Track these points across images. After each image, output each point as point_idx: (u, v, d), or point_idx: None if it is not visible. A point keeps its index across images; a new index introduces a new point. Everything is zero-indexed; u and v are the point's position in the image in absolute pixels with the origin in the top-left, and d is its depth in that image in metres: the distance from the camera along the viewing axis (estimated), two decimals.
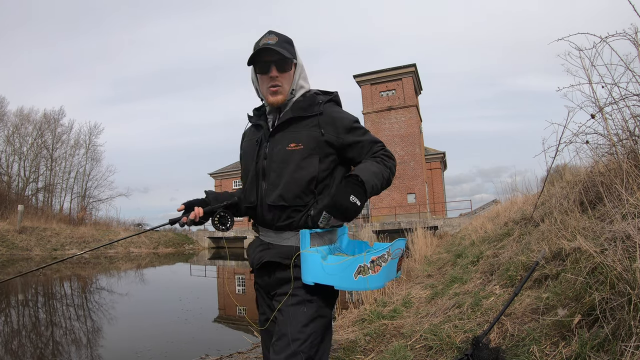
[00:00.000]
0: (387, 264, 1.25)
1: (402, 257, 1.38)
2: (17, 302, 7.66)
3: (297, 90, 1.31)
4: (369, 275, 1.19)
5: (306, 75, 1.36)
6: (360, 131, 1.29)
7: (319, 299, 1.21)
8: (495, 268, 3.62)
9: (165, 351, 4.16)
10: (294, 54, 1.28)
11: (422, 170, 25.16)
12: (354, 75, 27.22)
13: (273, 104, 1.28)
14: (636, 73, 2.57)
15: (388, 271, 1.26)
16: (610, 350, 1.38)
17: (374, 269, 1.20)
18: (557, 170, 4.58)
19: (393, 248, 1.28)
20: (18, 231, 17.82)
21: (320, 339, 1.20)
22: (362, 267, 1.19)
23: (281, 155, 1.24)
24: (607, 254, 1.71)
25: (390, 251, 1.26)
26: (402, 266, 1.40)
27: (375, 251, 1.24)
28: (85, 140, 30.20)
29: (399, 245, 1.34)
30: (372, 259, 1.21)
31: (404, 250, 1.38)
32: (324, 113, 1.26)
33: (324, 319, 1.22)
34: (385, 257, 1.24)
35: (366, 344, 2.84)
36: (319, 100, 1.29)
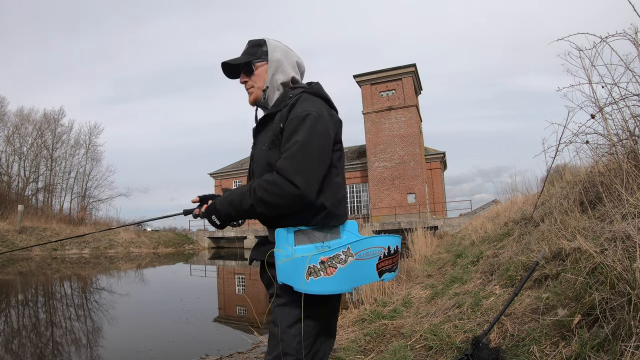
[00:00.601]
0: (348, 265, 1.11)
1: (393, 257, 1.22)
2: (17, 302, 7.66)
3: (273, 86, 1.31)
4: (320, 278, 1.08)
5: (287, 68, 1.32)
6: (290, 132, 1.14)
7: (305, 299, 1.14)
8: (495, 268, 3.62)
9: (166, 351, 4.16)
10: (258, 53, 1.31)
11: (422, 170, 25.15)
12: (354, 75, 27.21)
13: (250, 104, 1.36)
14: (636, 73, 2.57)
15: (353, 274, 1.12)
16: (610, 350, 1.38)
17: (327, 271, 1.09)
18: (557, 170, 4.58)
19: (358, 247, 1.13)
20: (18, 231, 17.82)
21: (311, 340, 1.15)
22: (311, 268, 1.09)
23: (258, 155, 1.27)
24: (607, 254, 1.71)
25: (349, 251, 1.12)
26: (394, 269, 1.23)
27: (327, 251, 1.11)
28: (85, 140, 30.24)
29: (373, 243, 1.17)
30: (322, 259, 1.10)
31: (395, 249, 1.22)
32: (289, 104, 1.22)
33: (312, 320, 1.16)
34: (341, 258, 1.11)
35: (366, 344, 2.84)
36: (290, 94, 1.26)
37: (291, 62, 1.34)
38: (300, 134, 1.12)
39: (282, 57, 1.32)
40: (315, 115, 1.15)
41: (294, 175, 1.08)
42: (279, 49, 1.32)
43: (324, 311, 1.20)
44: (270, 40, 1.34)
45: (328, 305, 1.21)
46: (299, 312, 1.14)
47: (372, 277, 1.16)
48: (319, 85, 1.31)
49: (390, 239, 1.22)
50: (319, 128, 1.14)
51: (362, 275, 1.14)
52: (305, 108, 1.16)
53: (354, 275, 1.12)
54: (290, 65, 1.34)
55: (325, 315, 1.21)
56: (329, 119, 1.21)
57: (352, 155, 28.69)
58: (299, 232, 1.17)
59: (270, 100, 1.32)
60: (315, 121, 1.14)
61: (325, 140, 1.16)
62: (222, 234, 25.05)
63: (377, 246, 1.17)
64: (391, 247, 1.21)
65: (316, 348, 1.18)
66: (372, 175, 25.76)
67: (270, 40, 1.34)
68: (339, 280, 1.09)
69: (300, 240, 1.16)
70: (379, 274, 1.17)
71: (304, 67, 1.41)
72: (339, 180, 1.25)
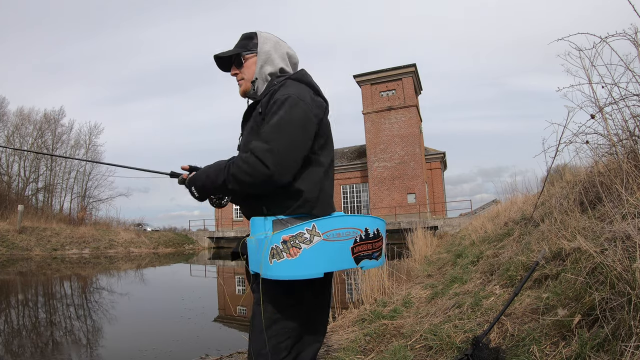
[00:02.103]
0: (314, 246, 0.98)
1: (372, 242, 1.08)
2: (17, 301, 7.66)
3: (262, 78, 1.31)
4: (284, 260, 0.96)
5: (276, 59, 1.32)
6: (270, 115, 1.12)
7: (277, 292, 1.08)
8: (495, 268, 3.62)
9: (169, 350, 4.17)
10: (249, 46, 1.32)
11: (422, 170, 25.15)
12: (354, 75, 27.22)
13: (241, 95, 1.37)
14: (636, 73, 2.57)
15: (322, 256, 0.99)
16: (610, 350, 1.38)
17: (289, 252, 0.97)
18: (557, 170, 4.58)
19: (325, 226, 1.00)
20: (18, 231, 17.82)
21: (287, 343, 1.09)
22: (274, 249, 0.97)
23: (242, 144, 1.27)
24: (607, 254, 1.71)
25: (315, 229, 0.99)
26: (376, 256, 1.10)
27: (289, 228, 0.99)
28: (85, 140, 30.22)
29: (345, 223, 1.03)
30: (284, 238, 0.97)
31: (374, 232, 1.09)
32: (270, 92, 1.21)
33: (289, 319, 1.10)
34: (305, 237, 0.98)
35: (366, 344, 2.84)
36: (274, 82, 1.26)
37: (281, 53, 1.34)
38: (276, 116, 1.10)
39: (271, 49, 1.32)
40: (295, 98, 1.12)
41: (265, 154, 1.04)
42: (269, 41, 1.33)
43: (300, 305, 1.12)
44: (261, 33, 1.34)
45: (305, 297, 1.13)
46: (273, 311, 1.08)
47: (347, 262, 1.03)
48: (303, 71, 1.30)
49: (369, 220, 1.09)
50: (297, 110, 1.11)
51: (333, 259, 1.01)
52: (285, 92, 1.15)
53: (323, 258, 0.99)
54: (279, 56, 1.33)
55: (304, 311, 1.13)
56: (311, 103, 1.17)
57: (352, 155, 28.69)
58: (277, 222, 1.12)
59: (259, 91, 1.32)
60: (295, 103, 1.12)
61: (303, 123, 1.11)
62: (222, 234, 25.04)
63: (351, 227, 1.04)
64: (369, 230, 1.08)
65: (296, 351, 1.12)
66: (372, 175, 25.76)
67: (261, 32, 1.35)
68: (304, 262, 0.97)
69: (278, 229, 1.10)
70: (355, 259, 1.04)
71: (296, 58, 1.39)
72: (320, 168, 1.19)
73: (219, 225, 29.72)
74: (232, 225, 28.77)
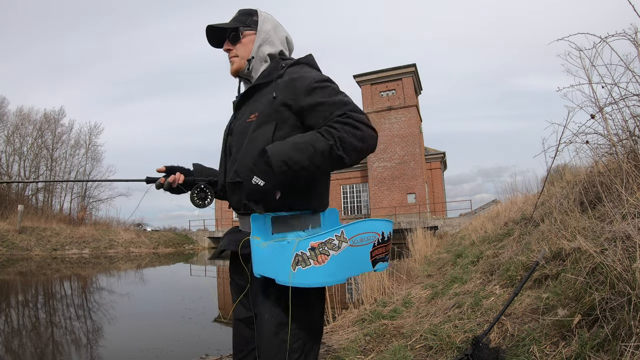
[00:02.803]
0: (342, 252, 0.96)
1: (386, 245, 1.07)
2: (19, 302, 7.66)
3: (259, 57, 1.22)
4: (310, 267, 0.93)
5: (276, 40, 1.25)
6: (324, 91, 1.05)
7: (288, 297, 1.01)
8: (495, 268, 3.62)
9: (170, 350, 4.17)
10: (247, 22, 1.23)
11: (422, 170, 25.15)
12: (354, 75, 27.22)
13: (232, 74, 1.26)
14: (636, 73, 2.57)
15: (346, 262, 0.97)
16: (610, 350, 1.38)
17: (317, 259, 0.93)
18: (557, 170, 4.58)
19: (352, 231, 0.99)
20: (18, 231, 17.82)
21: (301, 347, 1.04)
22: (299, 255, 0.94)
23: (241, 127, 1.16)
24: (607, 254, 1.71)
25: (343, 235, 0.97)
26: (387, 258, 1.09)
27: (318, 235, 0.95)
28: (85, 140, 30.23)
29: (367, 227, 1.02)
30: (312, 245, 0.94)
31: (388, 235, 1.08)
32: (283, 75, 1.14)
33: (302, 322, 1.05)
34: (334, 244, 0.95)
35: (366, 344, 2.84)
36: (282, 64, 1.18)
37: (280, 36, 1.27)
38: (340, 94, 1.07)
39: (271, 29, 1.24)
40: (329, 81, 1.11)
41: (369, 121, 1.01)
42: (269, 21, 1.25)
43: (315, 309, 1.08)
44: (262, 11, 1.27)
45: (320, 301, 1.10)
46: (285, 315, 1.02)
47: (366, 266, 1.02)
48: (311, 56, 1.25)
49: (383, 224, 1.08)
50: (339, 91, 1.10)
51: (356, 264, 1.00)
52: (316, 73, 1.13)
53: (348, 264, 0.98)
54: (279, 39, 1.26)
55: (317, 314, 1.09)
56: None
57: None
58: (277, 219, 1.07)
59: (255, 72, 1.23)
60: (334, 86, 1.10)
61: None
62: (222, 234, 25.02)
63: (372, 231, 1.03)
64: (385, 234, 1.07)
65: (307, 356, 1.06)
66: (372, 175, 25.77)
67: (262, 11, 1.27)
68: (332, 269, 0.94)
69: (279, 229, 1.06)
70: (372, 263, 1.03)
71: (293, 45, 1.34)
72: None
73: (219, 225, 29.72)
74: (232, 225, 28.72)
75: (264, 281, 1.04)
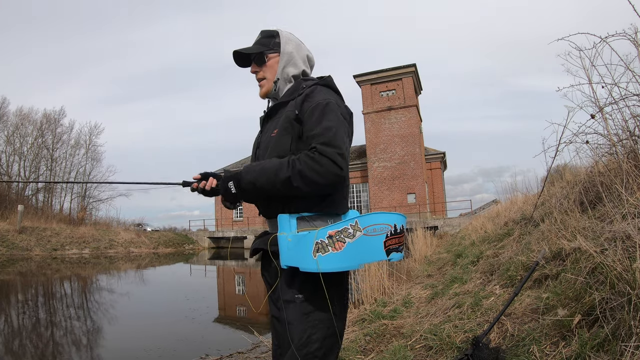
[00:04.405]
0: (356, 240, 1.07)
1: (399, 237, 1.17)
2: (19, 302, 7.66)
3: (284, 78, 1.33)
4: (329, 254, 1.05)
5: (298, 61, 1.34)
6: (315, 119, 1.15)
7: (313, 291, 1.12)
8: (495, 268, 3.62)
9: (173, 349, 4.18)
10: (270, 45, 1.32)
11: (422, 170, 25.15)
12: (354, 75, 27.21)
13: (261, 96, 1.37)
14: (636, 73, 2.57)
15: (361, 249, 1.09)
16: (610, 350, 1.38)
17: (335, 246, 1.05)
18: (557, 170, 4.58)
19: (365, 222, 1.10)
20: (18, 231, 17.82)
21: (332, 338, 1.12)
22: (319, 243, 1.05)
23: (266, 142, 1.27)
24: (607, 254, 1.71)
25: (357, 225, 1.09)
26: (401, 249, 1.19)
27: (335, 224, 1.08)
28: (85, 140, 30.23)
29: (380, 219, 1.14)
30: (330, 233, 1.06)
31: (400, 228, 1.18)
32: (303, 94, 1.24)
33: (323, 315, 1.12)
34: (349, 232, 1.07)
35: (366, 344, 2.84)
36: (303, 85, 1.28)
37: (302, 55, 1.35)
38: (330, 120, 1.15)
39: (293, 50, 1.33)
40: (335, 104, 1.19)
41: (336, 156, 1.09)
42: (292, 42, 1.34)
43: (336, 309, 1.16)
44: (283, 32, 1.35)
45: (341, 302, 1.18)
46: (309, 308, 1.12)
47: (380, 254, 1.12)
48: (330, 78, 1.32)
49: (396, 217, 1.19)
50: (341, 115, 1.20)
51: (371, 252, 1.11)
52: (325, 97, 1.20)
53: (362, 251, 1.09)
54: (301, 58, 1.35)
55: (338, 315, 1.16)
56: (344, 109, 1.25)
57: (352, 155, 28.63)
58: (301, 219, 1.17)
59: (281, 91, 1.34)
60: (337, 109, 1.19)
61: (346, 128, 1.21)
62: (222, 234, 25.03)
63: (384, 223, 1.14)
64: (397, 225, 1.18)
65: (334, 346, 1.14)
66: (372, 175, 25.77)
67: (283, 31, 1.35)
68: (348, 255, 1.06)
69: (303, 227, 1.16)
70: (386, 252, 1.13)
71: (314, 61, 1.42)
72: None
73: (219, 225, 29.72)
74: (232, 225, 28.77)
75: (289, 274, 1.14)
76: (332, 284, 1.14)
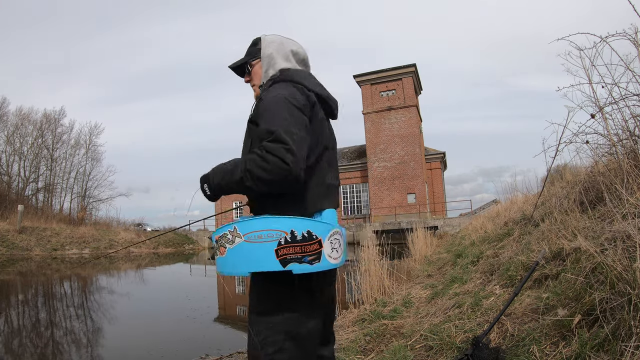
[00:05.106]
0: (236, 247, 1.03)
1: (301, 245, 1.03)
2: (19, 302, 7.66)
3: (266, 81, 1.31)
4: (218, 258, 1.08)
5: (278, 60, 1.30)
6: (266, 117, 1.12)
7: (258, 293, 1.14)
8: (495, 268, 3.62)
9: (176, 349, 4.18)
10: (254, 53, 1.35)
11: (422, 170, 25.16)
12: (354, 75, 27.22)
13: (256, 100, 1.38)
14: (636, 73, 2.57)
15: (244, 257, 1.03)
16: (610, 350, 1.38)
17: (220, 250, 1.07)
18: (557, 170, 4.58)
19: (246, 228, 1.03)
20: (18, 231, 17.82)
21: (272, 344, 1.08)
22: (215, 247, 1.09)
23: (243, 147, 1.32)
24: (607, 254, 1.71)
25: (236, 231, 1.04)
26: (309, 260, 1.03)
27: (218, 229, 1.08)
28: (85, 140, 30.21)
29: (265, 225, 1.03)
30: (216, 238, 1.08)
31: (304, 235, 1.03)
32: (259, 96, 1.24)
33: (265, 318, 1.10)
34: (228, 238, 1.04)
35: (366, 344, 2.84)
36: (264, 86, 1.28)
37: (284, 53, 1.31)
38: (276, 116, 1.10)
39: (273, 52, 1.31)
40: (285, 98, 1.13)
41: (282, 151, 1.03)
42: (273, 43, 1.33)
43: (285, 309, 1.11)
44: (265, 37, 1.35)
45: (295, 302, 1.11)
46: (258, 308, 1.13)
47: (271, 264, 1.02)
48: (288, 71, 1.28)
49: (298, 223, 1.04)
50: (295, 108, 1.13)
51: (257, 260, 1.03)
52: (277, 92, 1.16)
53: (247, 259, 1.03)
54: (282, 57, 1.31)
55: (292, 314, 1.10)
56: (301, 100, 1.17)
57: (352, 155, 28.69)
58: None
59: None
60: (287, 103, 1.13)
61: (301, 119, 1.13)
62: None
63: (274, 229, 1.03)
64: (296, 232, 1.03)
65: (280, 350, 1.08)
66: (372, 175, 25.77)
67: (265, 36, 1.35)
68: (230, 261, 1.05)
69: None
70: (281, 262, 1.01)
71: (302, 54, 1.36)
72: (308, 167, 1.15)
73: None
74: None
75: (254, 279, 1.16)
76: (279, 286, 1.10)
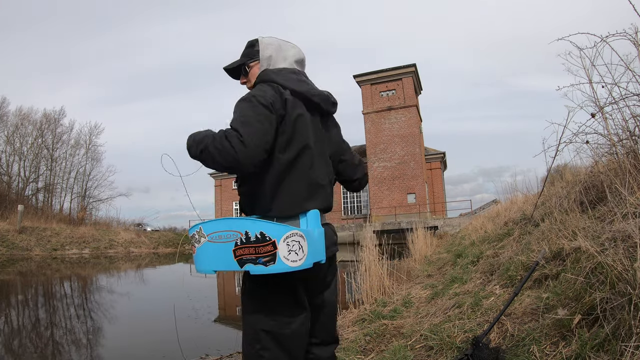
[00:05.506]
0: (202, 246, 1.08)
1: (256, 246, 1.03)
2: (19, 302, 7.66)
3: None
4: (193, 255, 1.13)
5: (278, 62, 1.32)
6: (236, 110, 1.18)
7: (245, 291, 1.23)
8: (495, 268, 3.62)
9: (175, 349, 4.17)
10: (251, 54, 1.35)
11: (422, 170, 25.16)
12: (354, 75, 27.23)
13: None
14: (636, 73, 2.57)
15: (209, 256, 1.08)
16: (610, 350, 1.38)
17: (192, 249, 1.12)
18: (557, 170, 4.58)
19: (209, 228, 1.08)
20: (18, 231, 17.80)
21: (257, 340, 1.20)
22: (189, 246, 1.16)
23: None
24: (607, 254, 1.71)
25: (202, 231, 1.09)
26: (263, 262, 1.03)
27: (190, 228, 1.13)
28: (85, 140, 30.21)
29: (223, 226, 1.06)
30: (190, 237, 1.13)
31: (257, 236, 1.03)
32: None
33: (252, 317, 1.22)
34: (196, 238, 1.09)
35: (366, 344, 2.84)
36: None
37: (283, 56, 1.33)
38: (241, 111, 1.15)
39: (272, 53, 1.32)
40: (254, 97, 1.16)
41: (235, 140, 1.07)
42: (271, 46, 1.33)
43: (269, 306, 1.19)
44: (263, 39, 1.35)
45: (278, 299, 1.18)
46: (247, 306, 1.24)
47: (230, 264, 1.05)
48: (265, 71, 1.29)
49: (252, 224, 1.04)
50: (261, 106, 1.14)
51: (218, 260, 1.07)
52: (251, 94, 1.19)
53: (211, 258, 1.08)
54: (281, 58, 1.33)
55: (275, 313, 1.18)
56: (270, 98, 1.16)
57: None
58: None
59: None
60: (254, 101, 1.15)
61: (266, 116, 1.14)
62: None
63: (231, 230, 1.05)
64: (250, 233, 1.03)
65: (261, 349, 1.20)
66: (372, 175, 25.77)
67: (263, 38, 1.35)
68: (199, 259, 1.10)
69: None
70: (239, 262, 1.03)
71: (300, 56, 1.37)
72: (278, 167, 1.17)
73: None
74: None
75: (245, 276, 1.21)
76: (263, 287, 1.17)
